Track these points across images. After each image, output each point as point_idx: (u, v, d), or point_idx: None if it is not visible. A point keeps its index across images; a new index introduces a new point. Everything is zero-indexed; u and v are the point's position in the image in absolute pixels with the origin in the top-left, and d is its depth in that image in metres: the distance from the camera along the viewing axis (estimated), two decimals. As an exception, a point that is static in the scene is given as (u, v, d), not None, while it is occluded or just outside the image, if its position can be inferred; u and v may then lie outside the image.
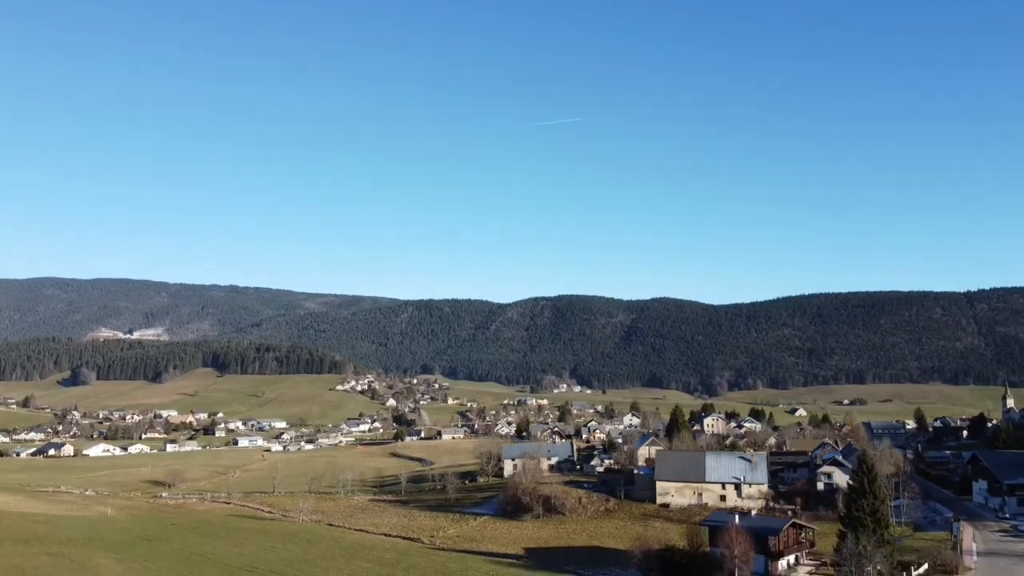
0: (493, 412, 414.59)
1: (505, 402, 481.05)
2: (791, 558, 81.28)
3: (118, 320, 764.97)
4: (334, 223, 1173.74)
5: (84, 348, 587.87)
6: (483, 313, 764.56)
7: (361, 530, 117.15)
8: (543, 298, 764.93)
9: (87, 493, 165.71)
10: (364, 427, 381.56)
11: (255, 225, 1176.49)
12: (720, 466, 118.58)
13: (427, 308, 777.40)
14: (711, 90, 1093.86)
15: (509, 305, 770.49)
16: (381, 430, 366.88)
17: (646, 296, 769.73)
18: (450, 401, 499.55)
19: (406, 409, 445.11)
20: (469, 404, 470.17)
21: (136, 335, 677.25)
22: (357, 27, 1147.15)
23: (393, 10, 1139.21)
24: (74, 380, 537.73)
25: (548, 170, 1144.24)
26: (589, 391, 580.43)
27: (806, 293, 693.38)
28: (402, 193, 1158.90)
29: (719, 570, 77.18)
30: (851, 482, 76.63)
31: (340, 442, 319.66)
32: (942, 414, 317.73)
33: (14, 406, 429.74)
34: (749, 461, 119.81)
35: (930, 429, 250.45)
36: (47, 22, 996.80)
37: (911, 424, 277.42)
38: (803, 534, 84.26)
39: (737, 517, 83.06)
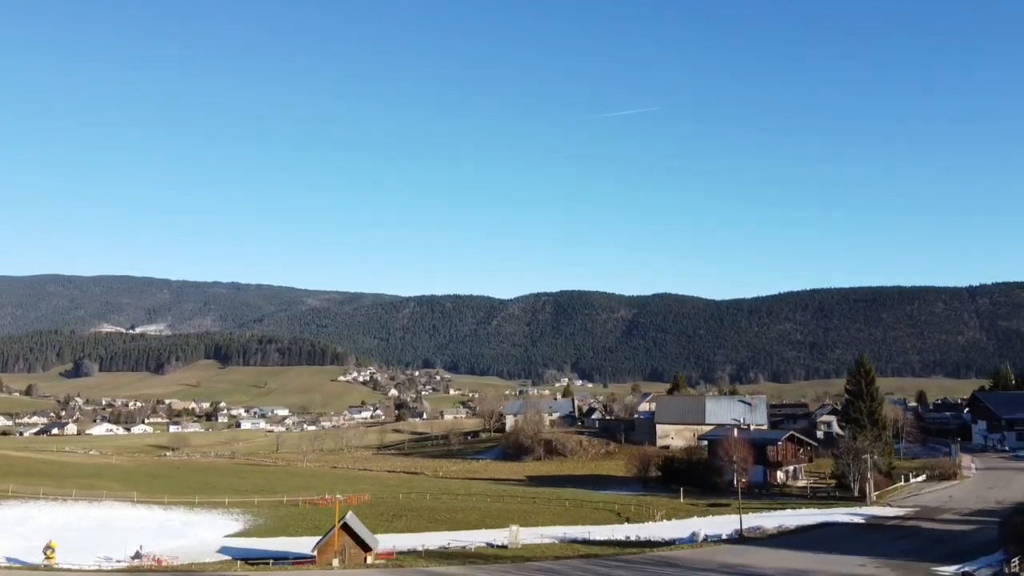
0: (495, 400, 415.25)
1: (507, 392, 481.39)
2: (790, 469, 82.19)
3: (120, 316, 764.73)
4: (335, 220, 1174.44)
5: (86, 340, 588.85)
6: (484, 309, 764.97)
7: (365, 469, 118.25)
8: (544, 293, 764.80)
9: (91, 452, 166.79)
10: (366, 414, 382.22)
11: (257, 222, 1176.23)
12: (720, 408, 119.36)
13: (429, 304, 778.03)
14: (710, 88, 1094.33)
15: (510, 301, 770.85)
16: (383, 417, 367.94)
17: (647, 292, 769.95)
18: (452, 392, 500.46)
19: (408, 399, 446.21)
20: (471, 394, 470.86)
21: (138, 331, 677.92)
22: (357, 26, 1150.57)
23: (392, 10, 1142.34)
24: (76, 372, 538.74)
25: (549, 168, 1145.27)
26: (591, 384, 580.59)
27: (808, 288, 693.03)
28: (402, 191, 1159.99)
29: (718, 476, 78.17)
30: (849, 386, 77.62)
31: (343, 424, 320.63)
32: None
33: (17, 394, 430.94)
34: (749, 404, 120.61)
35: (931, 406, 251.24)
36: (47, 21, 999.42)
37: (913, 404, 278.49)
38: (802, 450, 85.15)
39: (736, 430, 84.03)
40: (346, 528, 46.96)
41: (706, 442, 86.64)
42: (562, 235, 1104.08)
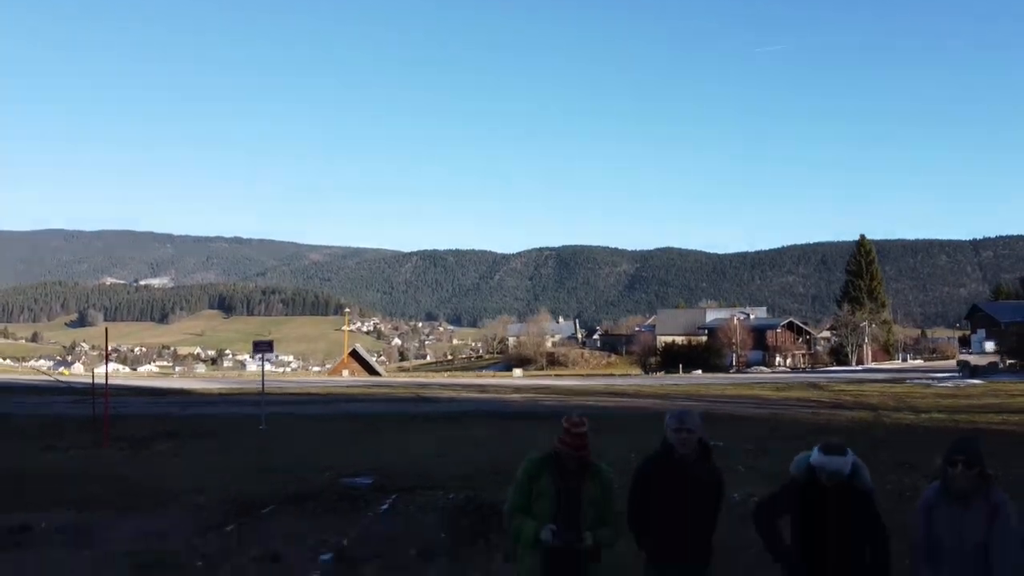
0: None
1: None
2: (789, 355, 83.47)
3: (124, 270, 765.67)
4: (338, 174, 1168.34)
5: (91, 292, 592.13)
6: (487, 263, 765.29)
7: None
8: (547, 248, 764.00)
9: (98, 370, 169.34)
10: (371, 360, 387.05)
11: (257, 177, 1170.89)
12: (721, 317, 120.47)
13: (431, 258, 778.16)
14: (709, 36, 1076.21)
15: (513, 255, 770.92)
16: (387, 362, 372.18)
17: (650, 246, 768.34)
18: (455, 342, 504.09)
19: (412, 347, 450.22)
20: (474, 343, 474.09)
21: (142, 283, 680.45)
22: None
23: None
24: (81, 321, 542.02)
25: (552, 120, 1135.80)
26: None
27: (811, 242, 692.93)
28: (404, 145, 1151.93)
29: (717, 357, 79.47)
30: (849, 267, 78.46)
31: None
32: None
33: (23, 341, 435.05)
34: (748, 315, 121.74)
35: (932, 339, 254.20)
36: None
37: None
38: (801, 338, 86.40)
39: (736, 318, 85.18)
40: (355, 355, 48.29)
41: (706, 331, 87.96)
42: (564, 188, 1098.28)
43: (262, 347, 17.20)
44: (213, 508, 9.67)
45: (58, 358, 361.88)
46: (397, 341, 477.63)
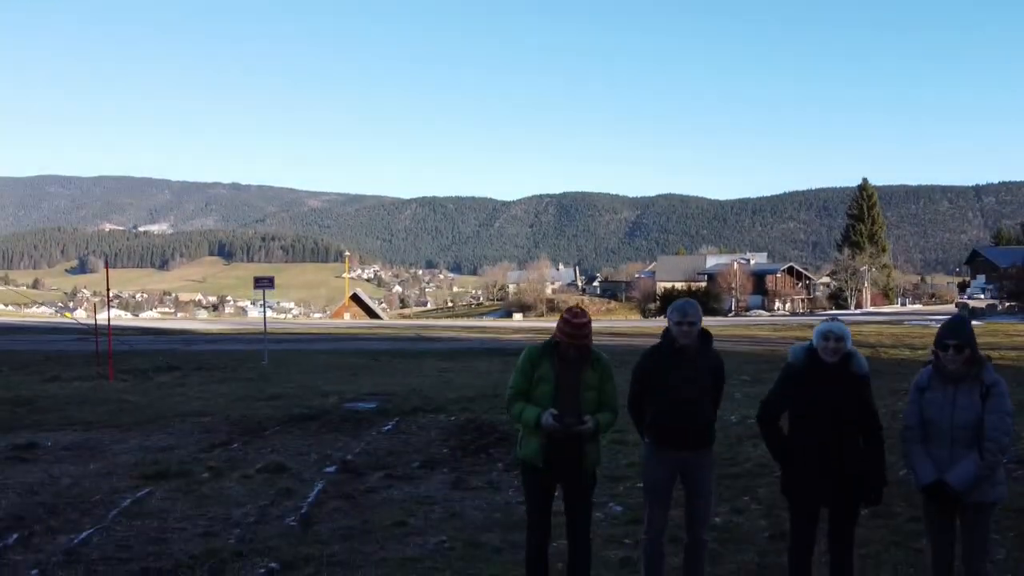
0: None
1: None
2: (789, 300, 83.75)
3: (122, 216, 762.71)
4: (335, 119, 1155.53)
5: (90, 238, 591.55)
6: (487, 210, 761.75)
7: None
8: (547, 195, 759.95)
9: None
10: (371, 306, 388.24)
11: (254, 122, 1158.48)
12: (721, 263, 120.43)
13: (430, 205, 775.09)
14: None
15: (513, 202, 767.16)
16: (388, 309, 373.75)
17: (651, 192, 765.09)
18: (455, 289, 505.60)
19: (412, 295, 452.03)
20: (475, 291, 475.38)
21: (141, 230, 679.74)
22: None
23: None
24: (82, 268, 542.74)
25: (553, 65, 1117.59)
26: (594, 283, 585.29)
27: (813, 187, 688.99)
28: (402, 91, 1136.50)
29: (716, 302, 79.76)
30: (851, 211, 78.19)
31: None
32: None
33: (24, 287, 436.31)
34: (749, 261, 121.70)
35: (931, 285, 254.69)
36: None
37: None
38: (801, 283, 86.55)
39: (736, 264, 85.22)
40: (356, 299, 48.50)
41: (706, 276, 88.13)
42: (565, 135, 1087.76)
43: (263, 283, 17.30)
44: (218, 428, 9.87)
45: (60, 304, 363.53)
46: (398, 288, 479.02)
